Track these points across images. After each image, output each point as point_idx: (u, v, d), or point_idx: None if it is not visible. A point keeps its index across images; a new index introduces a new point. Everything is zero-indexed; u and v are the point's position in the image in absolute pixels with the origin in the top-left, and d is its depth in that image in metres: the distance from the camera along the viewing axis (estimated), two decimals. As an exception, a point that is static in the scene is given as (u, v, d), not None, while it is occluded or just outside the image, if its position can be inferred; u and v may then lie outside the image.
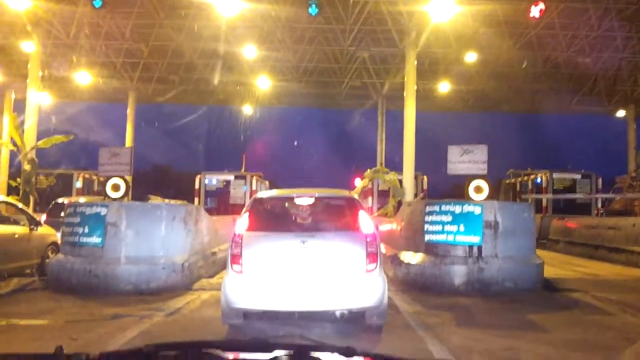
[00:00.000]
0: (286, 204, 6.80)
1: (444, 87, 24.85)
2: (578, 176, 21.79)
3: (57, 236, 10.62)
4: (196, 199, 20.85)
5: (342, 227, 6.30)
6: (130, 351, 1.53)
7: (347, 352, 1.51)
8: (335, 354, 1.53)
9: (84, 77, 23.24)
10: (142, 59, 23.72)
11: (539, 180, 22.19)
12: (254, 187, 21.03)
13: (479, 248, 8.82)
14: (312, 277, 5.76)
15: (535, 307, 7.72)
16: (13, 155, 20.01)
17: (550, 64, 23.73)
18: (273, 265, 5.84)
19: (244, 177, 21.71)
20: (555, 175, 21.66)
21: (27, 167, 16.77)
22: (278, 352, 1.52)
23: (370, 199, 20.77)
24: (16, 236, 9.81)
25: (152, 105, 31.36)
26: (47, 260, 10.03)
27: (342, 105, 31.01)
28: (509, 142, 40.71)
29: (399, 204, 16.05)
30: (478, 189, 9.62)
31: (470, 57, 21.89)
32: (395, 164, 20.48)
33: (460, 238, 8.91)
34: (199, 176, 21.73)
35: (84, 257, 8.84)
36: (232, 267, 5.87)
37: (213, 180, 21.82)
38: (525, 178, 23.10)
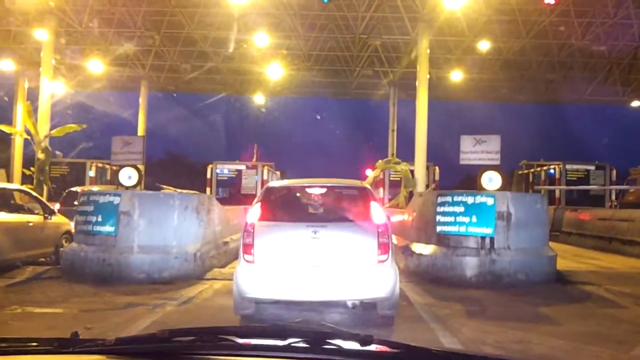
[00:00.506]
0: (298, 194, 6.81)
1: (456, 75, 24.62)
2: (592, 167, 21.57)
3: (71, 225, 10.71)
4: (208, 189, 20.93)
5: (354, 217, 6.28)
6: (145, 337, 1.54)
7: (364, 339, 1.51)
8: (352, 342, 1.53)
9: (97, 66, 23.31)
10: (154, 47, 23.74)
11: (552, 171, 22.01)
12: (265, 177, 21.06)
13: (492, 239, 8.78)
14: (323, 267, 5.77)
15: (548, 300, 7.69)
16: (27, 144, 20.19)
17: (564, 52, 23.43)
18: (285, 255, 5.85)
19: (255, 167, 21.76)
20: (568, 166, 21.46)
21: (40, 155, 16.90)
22: (294, 339, 1.51)
23: (381, 189, 20.72)
24: (31, 224, 9.90)
25: (164, 94, 31.44)
26: (61, 249, 10.13)
27: (353, 94, 30.87)
28: (522, 133, 40.37)
29: (411, 194, 16.02)
30: (490, 180, 9.56)
31: (483, 45, 21.67)
32: (406, 154, 20.42)
33: (473, 229, 8.87)
34: (210, 166, 21.80)
35: (97, 246, 8.92)
36: (244, 257, 5.89)
37: (225, 170, 21.87)
38: (538, 169, 22.92)
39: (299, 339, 1.51)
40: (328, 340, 1.52)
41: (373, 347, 1.57)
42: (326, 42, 23.67)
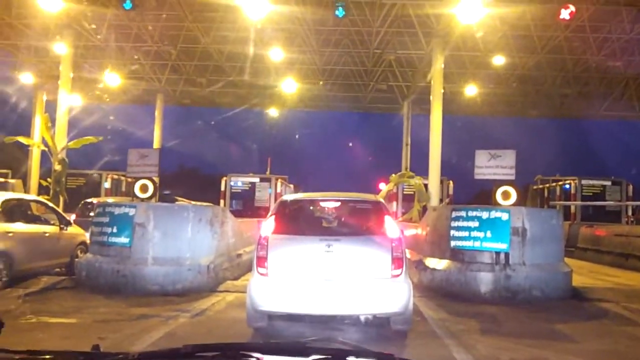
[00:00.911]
0: (312, 207, 6.82)
1: (470, 90, 24.61)
2: (608, 183, 21.33)
3: (86, 236, 10.79)
4: (222, 201, 21.02)
5: (368, 231, 6.28)
6: (168, 351, 1.55)
7: (384, 358, 1.49)
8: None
9: (114, 79, 23.61)
10: (170, 61, 24.02)
11: (567, 186, 21.81)
12: (278, 190, 21.12)
13: (506, 255, 8.70)
14: (337, 281, 5.75)
15: (564, 317, 7.59)
16: (44, 156, 20.44)
17: (579, 67, 23.32)
18: (298, 268, 5.85)
19: (269, 180, 21.83)
20: (584, 182, 21.25)
21: (57, 167, 17.10)
22: (315, 356, 1.51)
23: (394, 203, 20.67)
24: (47, 235, 10.00)
25: (179, 108, 31.74)
26: (76, 260, 10.20)
27: (367, 109, 30.94)
28: (537, 148, 40.12)
29: (424, 208, 15.95)
30: (505, 195, 9.52)
31: (498, 60, 21.64)
32: (420, 169, 20.36)
33: (487, 244, 8.81)
34: (224, 178, 21.91)
35: (112, 257, 8.98)
36: (257, 270, 5.90)
37: (238, 182, 21.98)
38: (554, 184, 22.73)
39: (320, 357, 1.51)
40: (349, 358, 1.52)
41: None
42: (340, 57, 23.79)
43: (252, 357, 1.54)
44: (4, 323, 0.97)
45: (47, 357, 1.55)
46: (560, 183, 22.33)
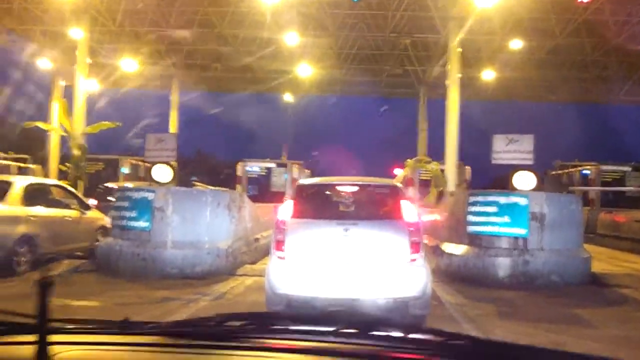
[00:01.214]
0: (329, 192, 6.83)
1: (487, 75, 24.34)
2: (628, 168, 21.02)
3: (106, 220, 10.94)
4: (238, 186, 21.09)
5: (385, 215, 6.30)
6: (200, 320, 1.61)
7: (410, 327, 1.56)
8: (399, 329, 1.57)
9: (130, 64, 23.70)
10: (185, 46, 24.04)
11: (586, 172, 21.55)
12: (294, 176, 21.13)
13: (525, 240, 8.67)
14: (354, 265, 5.78)
15: (583, 302, 7.57)
16: (63, 141, 20.66)
17: (598, 51, 22.91)
18: (316, 252, 5.89)
19: (284, 165, 21.85)
20: (603, 168, 20.97)
21: (76, 152, 17.27)
22: (343, 326, 1.56)
23: (411, 188, 20.61)
24: (68, 219, 10.15)
25: (195, 93, 31.79)
26: (96, 243, 10.34)
27: (383, 93, 30.77)
28: (555, 133, 39.65)
29: (441, 194, 15.90)
30: (523, 180, 9.44)
31: (515, 44, 21.35)
32: (436, 154, 20.25)
33: (505, 229, 8.78)
34: (240, 163, 21.97)
35: (132, 241, 9.10)
36: (275, 253, 5.96)
37: (254, 167, 22.02)
38: (572, 170, 22.48)
39: (348, 326, 1.55)
40: (376, 328, 1.57)
41: (419, 335, 1.61)
42: (356, 41, 23.63)
43: (281, 325, 1.59)
44: (54, 281, 1.03)
45: (85, 325, 1.60)
46: (580, 169, 22.08)
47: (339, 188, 6.73)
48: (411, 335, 1.58)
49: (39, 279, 1.06)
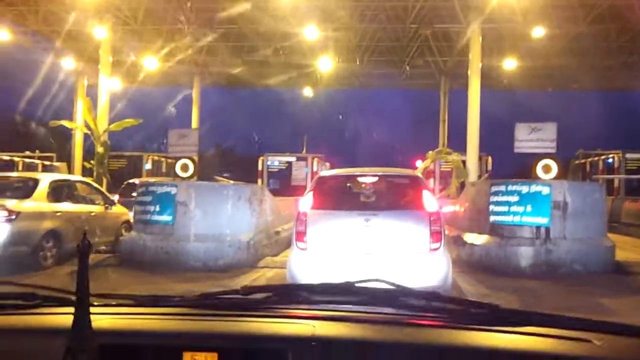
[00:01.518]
0: (350, 183, 6.85)
1: (509, 64, 24.04)
2: (653, 156, 20.69)
3: (130, 215, 11.12)
4: (259, 180, 21.27)
5: (406, 205, 6.30)
6: (224, 291, 1.67)
7: (430, 296, 1.61)
8: (420, 298, 1.62)
9: (152, 62, 23.97)
10: (206, 42, 24.21)
11: (610, 160, 21.21)
12: (314, 169, 21.20)
13: (547, 229, 8.59)
14: (375, 255, 5.81)
15: (606, 291, 7.48)
16: (87, 138, 21.01)
17: (624, 37, 22.42)
18: (337, 243, 5.93)
19: (305, 159, 21.93)
20: (628, 156, 20.62)
21: (100, 149, 17.57)
22: (365, 296, 1.60)
23: (432, 180, 20.52)
24: (92, 214, 10.34)
25: (216, 89, 32.06)
26: (120, 238, 10.53)
27: (404, 85, 30.59)
28: (579, 122, 38.99)
29: (462, 185, 15.80)
30: (546, 168, 9.36)
31: (538, 32, 21.03)
32: (457, 145, 20.10)
33: (527, 219, 8.70)
34: (261, 158, 22.12)
35: (155, 235, 9.24)
36: (297, 244, 6.01)
37: (275, 161, 22.16)
38: (596, 158, 22.14)
39: (370, 296, 1.60)
40: (398, 297, 1.61)
41: (440, 303, 1.65)
42: (375, 33, 23.53)
43: (303, 296, 1.64)
44: (93, 246, 1.08)
45: (115, 299, 1.67)
46: (603, 157, 21.73)
47: (359, 179, 6.74)
48: (432, 304, 1.62)
49: (77, 246, 1.12)
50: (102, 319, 1.44)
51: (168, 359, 1.31)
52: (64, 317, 1.12)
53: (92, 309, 1.21)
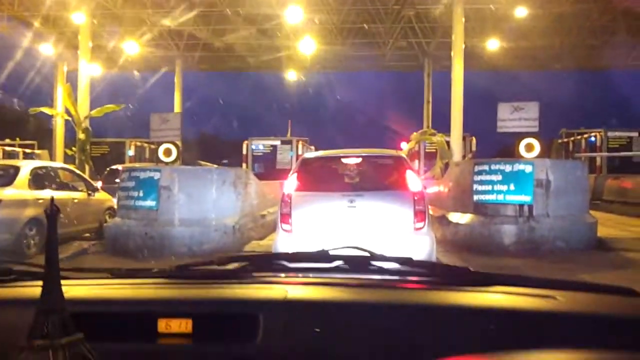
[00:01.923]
0: (333, 164, 6.85)
1: (492, 44, 24.06)
2: (635, 134, 20.90)
3: (114, 201, 11.03)
4: (244, 164, 21.19)
5: (390, 186, 6.31)
6: (202, 261, 1.69)
7: (403, 260, 1.64)
8: (393, 263, 1.66)
9: (132, 47, 23.64)
10: (187, 26, 23.91)
11: (592, 139, 21.44)
12: (300, 152, 21.17)
13: (530, 207, 8.68)
14: (360, 236, 5.81)
15: (588, 267, 7.59)
16: (69, 126, 20.76)
17: (606, 17, 22.54)
18: (322, 224, 5.94)
19: (290, 143, 21.88)
20: (610, 134, 20.86)
21: (81, 135, 17.36)
22: (340, 262, 1.63)
23: (417, 161, 20.60)
24: (75, 201, 10.24)
25: (198, 74, 31.76)
26: (104, 224, 10.45)
27: (387, 67, 30.54)
28: (562, 101, 39.31)
29: (446, 165, 15.88)
30: (529, 147, 9.42)
31: (521, 12, 21.04)
32: (442, 126, 20.16)
33: (511, 197, 8.78)
34: (246, 142, 22.02)
35: (139, 220, 9.17)
36: (281, 226, 6.01)
37: (260, 145, 22.07)
38: (579, 137, 22.36)
39: (344, 262, 1.63)
40: (371, 262, 1.64)
41: (418, 268, 1.71)
42: (358, 15, 23.40)
43: (280, 264, 1.66)
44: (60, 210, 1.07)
45: (94, 273, 1.68)
46: (586, 136, 21.96)
47: (343, 160, 6.73)
48: (406, 268, 1.66)
49: (45, 210, 1.10)
50: (77, 289, 1.44)
51: (143, 326, 1.31)
52: (39, 289, 1.11)
53: (67, 282, 1.20)
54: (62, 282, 1.09)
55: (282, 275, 1.63)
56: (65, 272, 1.39)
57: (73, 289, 1.40)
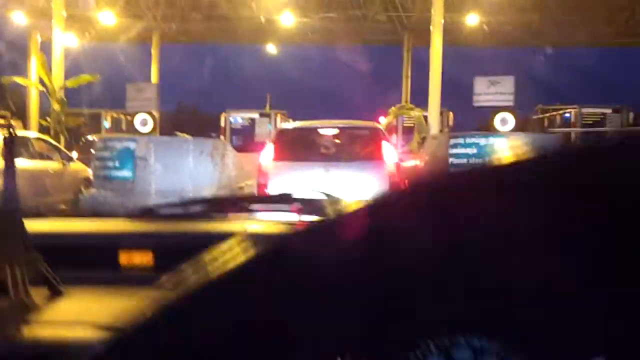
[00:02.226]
0: (310, 135, 6.89)
1: (472, 19, 24.04)
2: (608, 110, 21.26)
3: (89, 172, 10.93)
4: (222, 137, 21.05)
5: (366, 156, 6.38)
6: (165, 205, 1.75)
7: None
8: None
9: (108, 17, 23.11)
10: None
11: (567, 115, 21.74)
12: (278, 125, 21.09)
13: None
14: (336, 205, 5.89)
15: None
16: (42, 96, 20.35)
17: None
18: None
19: (268, 115, 21.78)
20: (584, 110, 21.17)
21: (56, 106, 17.07)
22: (295, 203, 1.75)
23: (394, 135, 20.69)
24: (50, 171, 10.13)
25: (176, 46, 31.27)
26: (80, 195, 10.37)
27: (366, 41, 30.34)
28: (540, 78, 39.64)
29: (424, 140, 16.00)
30: (504, 121, 9.55)
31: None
32: (421, 102, 20.23)
33: (485, 170, 8.91)
34: (224, 114, 21.85)
35: (115, 191, 9.12)
36: (258, 196, 6.04)
37: (238, 118, 21.93)
38: (554, 113, 22.65)
39: (306, 205, 1.75)
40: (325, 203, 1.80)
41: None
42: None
43: (240, 204, 1.72)
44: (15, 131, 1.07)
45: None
46: (561, 112, 22.25)
47: (320, 131, 6.79)
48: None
49: (4, 137, 1.11)
50: (38, 224, 1.47)
51: (105, 258, 1.35)
52: None
53: (29, 220, 1.22)
54: (24, 219, 1.11)
55: (244, 215, 1.68)
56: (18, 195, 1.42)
57: (34, 226, 1.42)
